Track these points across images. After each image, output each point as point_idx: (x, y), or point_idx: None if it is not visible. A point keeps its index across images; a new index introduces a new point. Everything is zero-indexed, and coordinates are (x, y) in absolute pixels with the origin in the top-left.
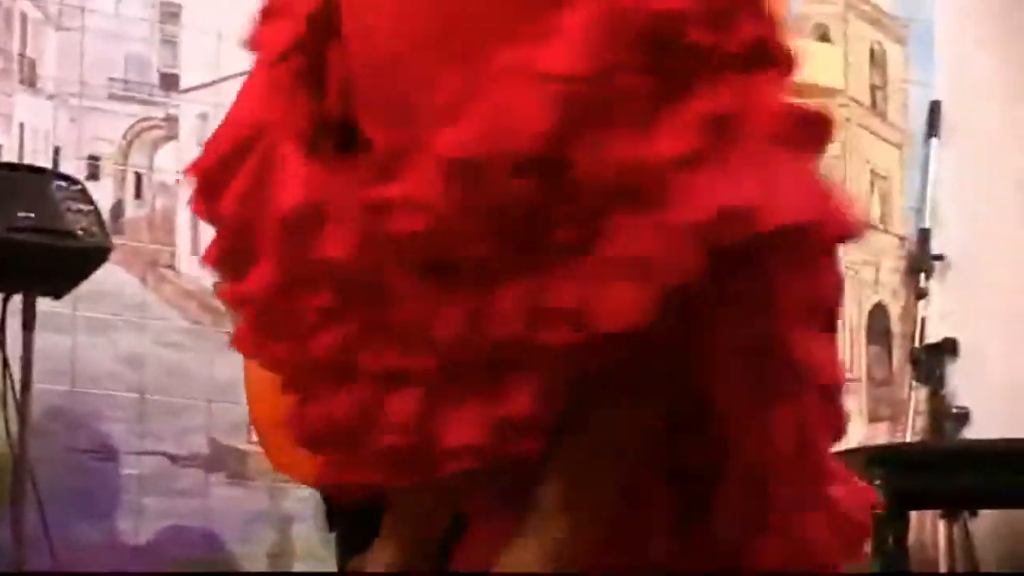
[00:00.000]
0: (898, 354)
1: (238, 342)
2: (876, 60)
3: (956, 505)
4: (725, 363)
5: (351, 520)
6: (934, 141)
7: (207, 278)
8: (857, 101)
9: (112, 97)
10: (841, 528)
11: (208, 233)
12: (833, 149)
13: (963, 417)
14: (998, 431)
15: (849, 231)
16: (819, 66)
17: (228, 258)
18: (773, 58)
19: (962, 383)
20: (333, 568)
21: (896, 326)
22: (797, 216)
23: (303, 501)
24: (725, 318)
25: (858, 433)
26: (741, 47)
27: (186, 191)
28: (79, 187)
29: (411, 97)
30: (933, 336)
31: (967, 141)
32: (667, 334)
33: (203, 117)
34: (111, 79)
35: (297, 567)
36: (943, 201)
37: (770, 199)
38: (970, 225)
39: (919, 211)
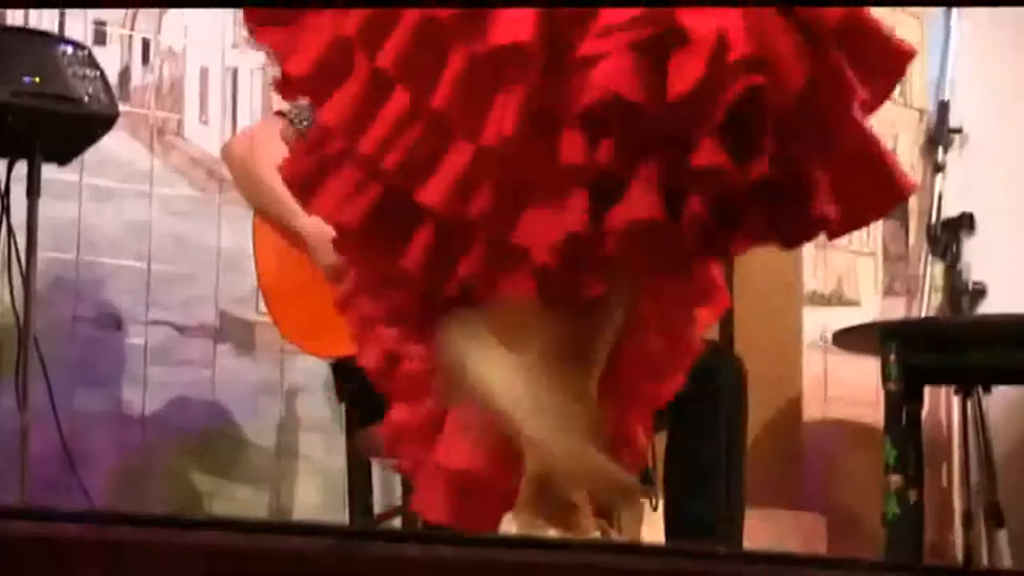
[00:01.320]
0: (914, 228)
1: None
2: None
3: (971, 381)
4: None
5: (361, 391)
6: (954, 13)
7: (214, 146)
8: None
9: None
10: None
11: (215, 100)
12: None
13: (979, 292)
14: (1014, 306)
15: None
16: None
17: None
18: None
19: (978, 258)
20: (341, 439)
21: (912, 200)
22: None
23: (310, 372)
24: None
25: (873, 307)
26: None
27: (194, 57)
28: (85, 52)
29: None
30: (950, 211)
31: (985, 13)
32: None
33: None
34: None
35: (303, 439)
36: (962, 74)
37: None
38: (988, 99)
39: (938, 83)
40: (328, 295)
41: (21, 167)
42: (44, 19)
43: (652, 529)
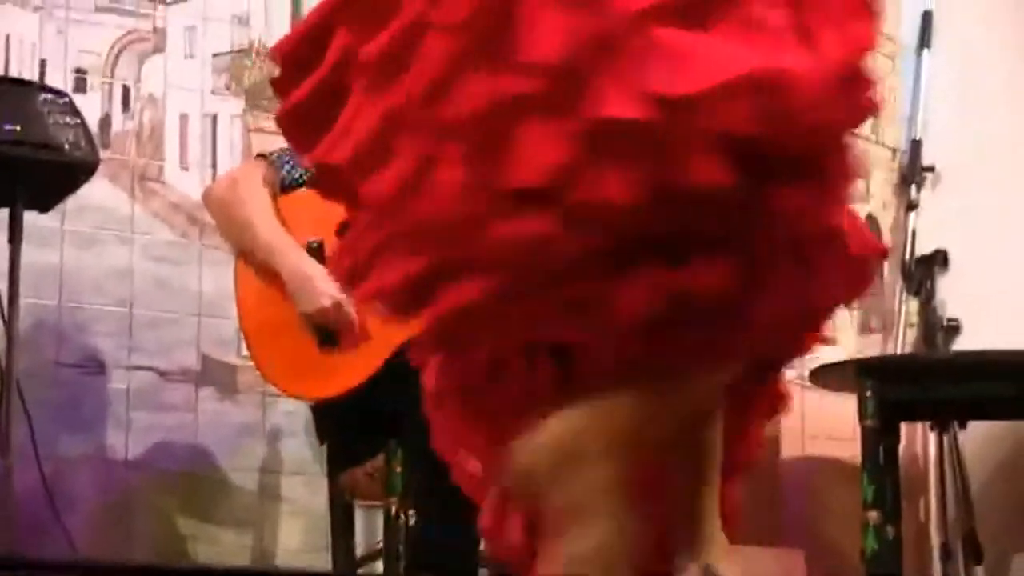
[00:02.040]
0: (889, 266)
1: None
2: None
3: (946, 416)
4: None
5: (340, 433)
6: (926, 52)
7: (195, 191)
8: None
9: (99, 9)
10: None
11: (195, 146)
12: None
13: (953, 329)
14: (988, 342)
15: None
16: None
17: None
18: None
19: (952, 295)
20: (322, 481)
21: (887, 238)
22: None
23: (292, 415)
24: None
25: (849, 345)
26: None
27: (174, 104)
28: (66, 100)
29: None
30: (924, 248)
31: (958, 52)
32: None
33: (190, 29)
34: None
35: (286, 481)
36: (934, 112)
37: None
38: (961, 136)
39: (911, 122)
40: (308, 339)
41: (3, 214)
42: (24, 68)
43: None
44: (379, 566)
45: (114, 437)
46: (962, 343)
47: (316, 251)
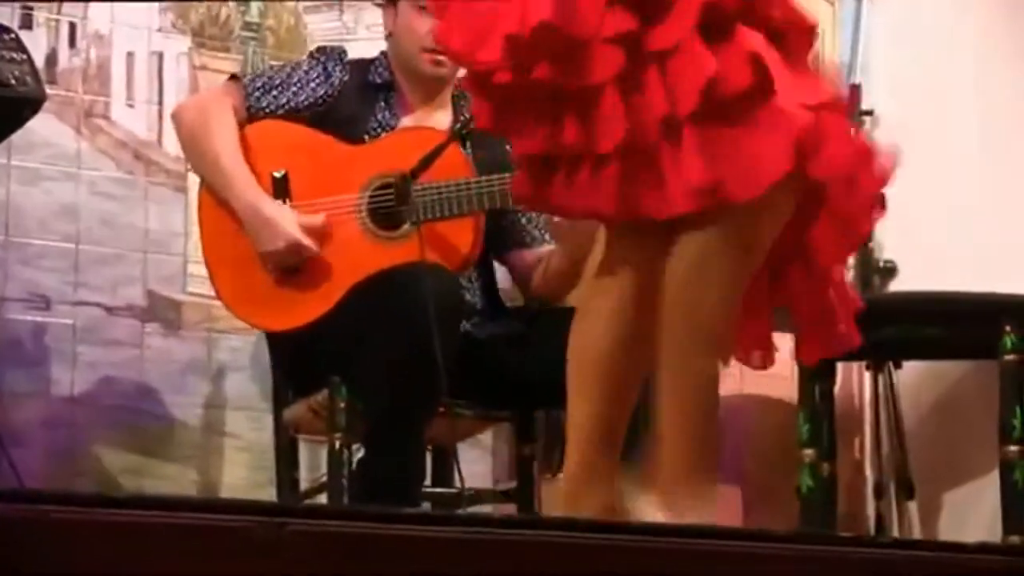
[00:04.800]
0: None
1: None
2: None
3: (882, 357)
4: None
5: (287, 366)
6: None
7: (141, 128)
8: None
9: None
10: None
11: (142, 85)
12: None
13: (890, 270)
14: (924, 284)
15: None
16: None
17: None
18: None
19: (889, 237)
20: (267, 417)
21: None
22: None
23: (238, 351)
24: None
25: None
26: None
27: (120, 42)
28: (12, 36)
29: None
30: None
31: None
32: None
33: None
34: None
35: (231, 416)
36: (872, 57)
37: None
38: (899, 80)
39: (850, 67)
40: (266, 272)
41: None
42: None
43: None
44: (323, 499)
45: (60, 372)
46: (898, 285)
47: (280, 182)
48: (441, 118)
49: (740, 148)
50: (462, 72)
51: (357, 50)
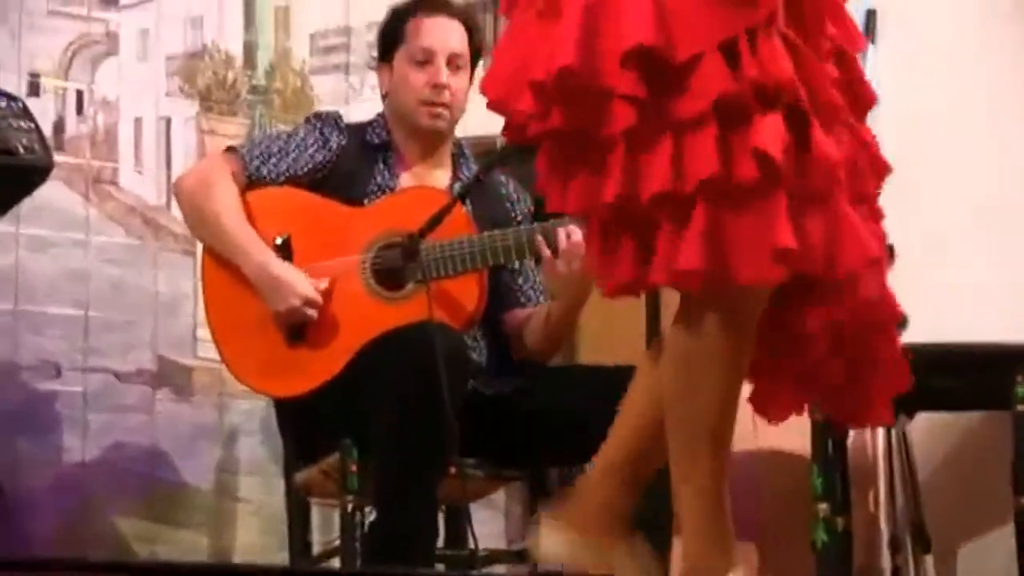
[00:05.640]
0: None
1: None
2: None
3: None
4: None
5: (298, 430)
6: (871, 48)
7: (150, 193)
8: None
9: (52, 13)
10: None
11: (150, 150)
12: None
13: (902, 323)
14: (934, 335)
15: None
16: None
17: None
18: None
19: (900, 288)
20: (279, 480)
21: None
22: None
23: (248, 415)
24: None
25: None
26: None
27: (128, 107)
28: (19, 104)
29: None
30: None
31: (903, 49)
32: None
33: (144, 32)
34: None
35: (243, 481)
36: (880, 109)
37: None
38: (907, 133)
39: None
40: (275, 335)
41: None
42: None
43: None
44: (336, 563)
45: (71, 439)
46: (909, 336)
47: (283, 247)
48: (440, 176)
49: (747, 238)
50: (460, 126)
51: (363, 111)
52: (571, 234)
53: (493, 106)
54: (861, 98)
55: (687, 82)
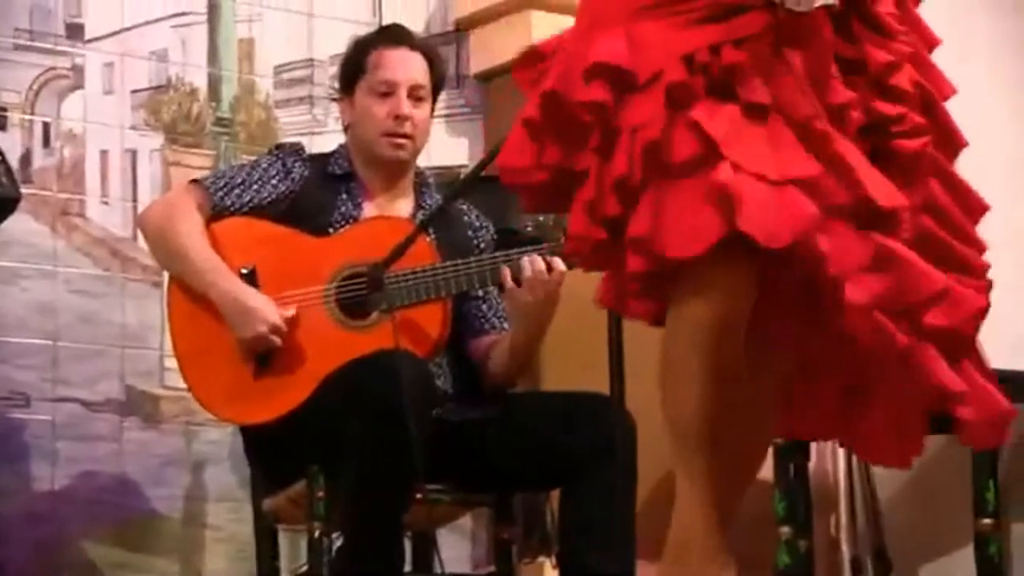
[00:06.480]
0: None
1: None
2: None
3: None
4: None
5: (265, 458)
6: None
7: (117, 225)
8: None
9: (18, 47)
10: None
11: (116, 182)
12: None
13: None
14: None
15: None
16: None
17: None
18: None
19: None
20: (247, 507)
21: None
22: None
23: (216, 444)
24: None
25: None
26: None
27: (94, 140)
28: None
29: None
30: None
31: None
32: None
33: (109, 66)
34: (16, 29)
35: (211, 508)
36: None
37: None
38: None
39: None
40: (242, 364)
41: None
42: None
43: None
44: None
45: (40, 468)
46: None
47: (249, 277)
48: (403, 205)
49: (681, 210)
50: (423, 156)
51: (328, 143)
52: (534, 263)
53: (506, 178)
54: (953, 142)
55: (649, 92)
